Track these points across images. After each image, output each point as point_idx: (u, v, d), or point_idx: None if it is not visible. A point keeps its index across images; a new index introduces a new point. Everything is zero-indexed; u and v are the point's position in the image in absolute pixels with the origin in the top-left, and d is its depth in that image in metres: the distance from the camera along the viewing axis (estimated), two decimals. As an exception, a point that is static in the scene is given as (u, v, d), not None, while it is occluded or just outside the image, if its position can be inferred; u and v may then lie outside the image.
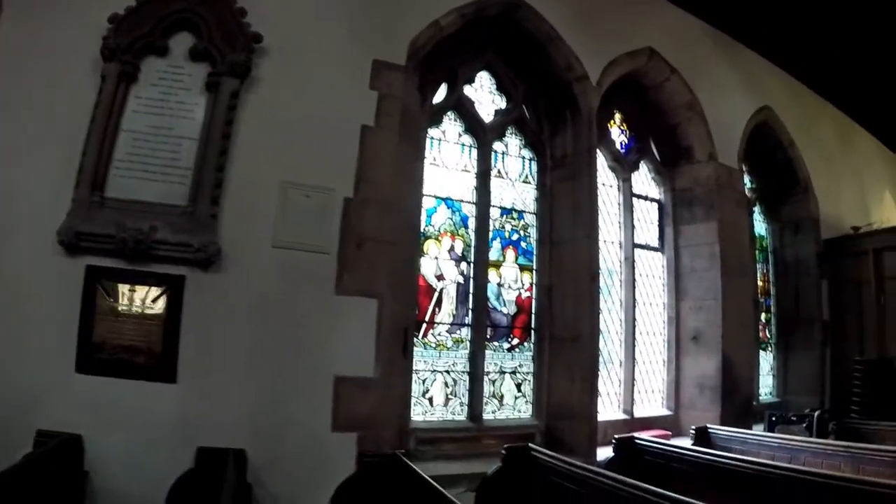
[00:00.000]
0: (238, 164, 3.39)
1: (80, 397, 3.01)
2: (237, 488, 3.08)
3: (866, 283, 6.21)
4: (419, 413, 4.28)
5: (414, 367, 4.27)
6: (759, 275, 6.49)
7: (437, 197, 4.55)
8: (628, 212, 5.40)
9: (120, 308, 3.15)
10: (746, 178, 6.54)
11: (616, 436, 4.23)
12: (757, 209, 6.66)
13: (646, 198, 5.64)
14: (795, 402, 6.25)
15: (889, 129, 7.84)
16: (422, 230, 4.42)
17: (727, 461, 3.41)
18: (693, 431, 4.69)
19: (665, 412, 5.44)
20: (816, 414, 5.03)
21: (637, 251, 5.47)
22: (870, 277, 6.18)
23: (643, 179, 5.70)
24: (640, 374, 5.36)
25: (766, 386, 6.48)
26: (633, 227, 5.41)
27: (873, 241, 6.23)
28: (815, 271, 6.39)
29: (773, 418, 5.10)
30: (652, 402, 5.45)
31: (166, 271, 3.19)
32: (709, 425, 4.77)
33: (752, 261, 5.81)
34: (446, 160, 4.65)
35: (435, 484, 2.76)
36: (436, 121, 4.66)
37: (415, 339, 4.30)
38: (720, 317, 5.27)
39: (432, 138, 4.63)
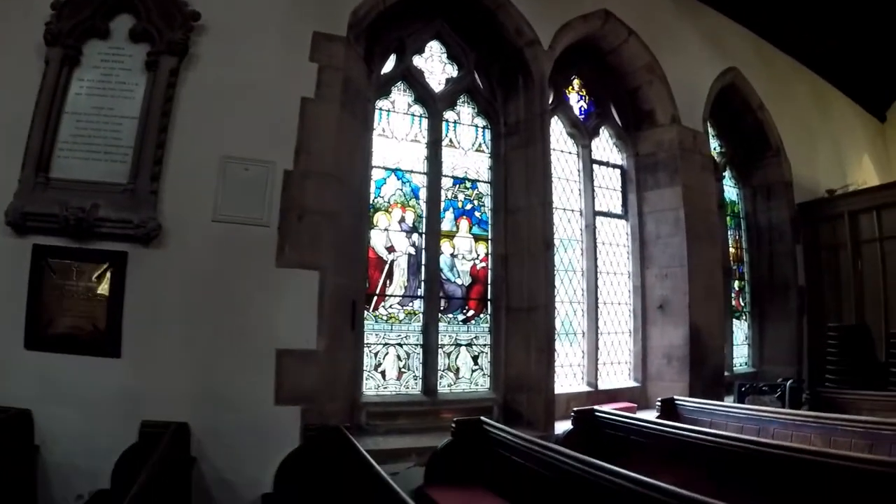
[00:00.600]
0: (178, 141, 3.73)
1: (29, 373, 3.37)
2: (175, 463, 3.28)
3: (842, 247, 6.67)
4: (372, 387, 4.63)
5: (365, 341, 4.62)
6: (731, 241, 6.93)
7: (386, 168, 4.91)
8: (588, 179, 5.81)
9: (66, 285, 3.52)
10: (715, 142, 6.97)
11: (575, 408, 4.57)
12: (727, 174, 7.08)
13: (607, 164, 6.05)
14: (772, 372, 6.72)
15: (868, 92, 8.28)
16: (371, 202, 4.77)
17: (686, 434, 3.61)
18: (659, 403, 5.07)
19: (632, 384, 5.88)
20: (789, 383, 5.46)
21: (600, 219, 5.90)
22: (846, 241, 6.63)
23: (605, 146, 6.11)
24: (605, 345, 5.80)
25: (742, 356, 6.94)
26: (593, 194, 5.82)
27: (848, 204, 6.68)
28: (790, 236, 6.83)
29: (743, 389, 5.54)
30: (619, 374, 5.89)
31: (109, 248, 3.56)
32: (676, 397, 5.14)
33: (720, 226, 6.24)
34: (396, 131, 5.01)
35: (369, 457, 3.05)
36: (384, 92, 5.02)
37: (365, 313, 4.66)
38: (687, 284, 5.69)
39: (381, 109, 4.99)
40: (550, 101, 5.65)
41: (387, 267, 4.87)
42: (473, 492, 3.73)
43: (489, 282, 5.18)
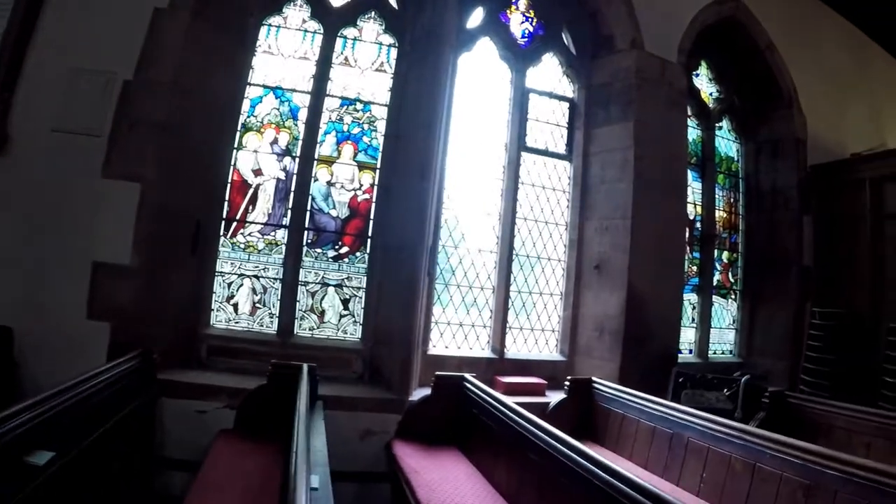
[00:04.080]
0: (37, 53, 3.44)
1: None
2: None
3: (861, 221, 4.90)
4: (223, 320, 3.99)
5: (219, 269, 3.99)
6: (721, 203, 5.34)
7: (265, 86, 4.17)
8: (517, 109, 4.61)
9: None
10: (712, 87, 5.39)
11: (438, 373, 3.74)
12: (725, 125, 5.47)
13: (551, 95, 4.80)
14: (761, 364, 5.15)
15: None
16: (242, 121, 4.07)
17: (529, 429, 2.76)
18: (567, 384, 4.04)
19: (556, 357, 4.64)
20: (744, 380, 4.04)
21: (539, 160, 4.74)
22: (865, 214, 4.85)
23: (554, 75, 4.85)
24: (527, 307, 4.58)
25: (726, 342, 5.33)
26: (520, 125, 4.64)
27: (872, 168, 4.92)
28: (797, 203, 5.16)
29: (681, 379, 4.13)
30: (543, 344, 4.65)
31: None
32: (594, 379, 4.09)
33: (683, 175, 4.71)
34: (283, 48, 4.24)
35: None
36: (275, 8, 4.24)
37: (222, 239, 4.00)
38: (628, 240, 4.36)
39: (270, 25, 4.24)
40: (479, 19, 4.52)
41: (251, 191, 4.07)
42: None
43: (371, 217, 4.14)
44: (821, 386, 4.28)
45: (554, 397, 4.08)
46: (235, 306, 4.00)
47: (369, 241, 4.16)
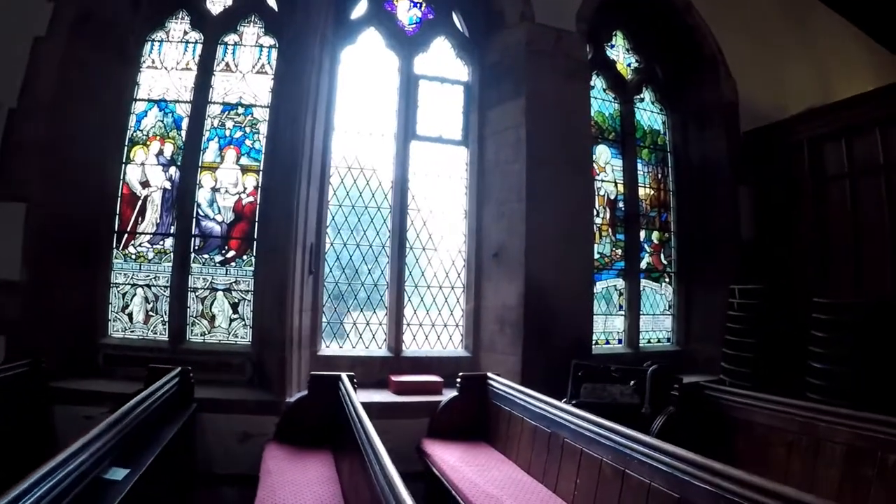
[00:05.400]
0: None
1: None
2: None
3: (802, 186, 4.38)
4: (119, 329, 4.02)
5: (114, 280, 4.02)
6: (648, 180, 4.92)
7: (150, 100, 4.19)
8: (405, 97, 4.43)
9: None
10: (630, 57, 5.00)
11: (314, 373, 3.62)
12: (648, 97, 5.05)
13: (443, 80, 4.57)
14: (701, 353, 4.69)
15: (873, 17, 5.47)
16: (130, 136, 4.11)
17: (363, 435, 2.50)
18: (459, 381, 3.81)
19: (461, 353, 4.39)
20: (651, 370, 3.65)
21: (435, 147, 4.49)
22: (805, 178, 4.33)
23: (447, 59, 4.63)
24: (427, 303, 4.36)
25: (663, 329, 4.90)
26: (408, 114, 4.43)
27: (809, 128, 4.39)
28: (729, 173, 4.69)
29: (580, 373, 3.75)
30: (448, 340, 4.43)
31: None
32: (490, 375, 3.82)
33: (588, 152, 4.34)
34: (167, 61, 4.25)
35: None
36: (157, 23, 4.25)
37: (115, 251, 4.03)
38: (524, 224, 4.06)
39: (154, 41, 4.25)
40: (364, 10, 4.40)
41: (140, 203, 4.07)
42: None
43: (257, 219, 4.04)
44: (741, 374, 3.81)
45: (450, 396, 3.84)
46: (130, 315, 4.02)
47: (255, 243, 4.07)
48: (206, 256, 4.06)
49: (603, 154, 4.78)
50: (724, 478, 1.88)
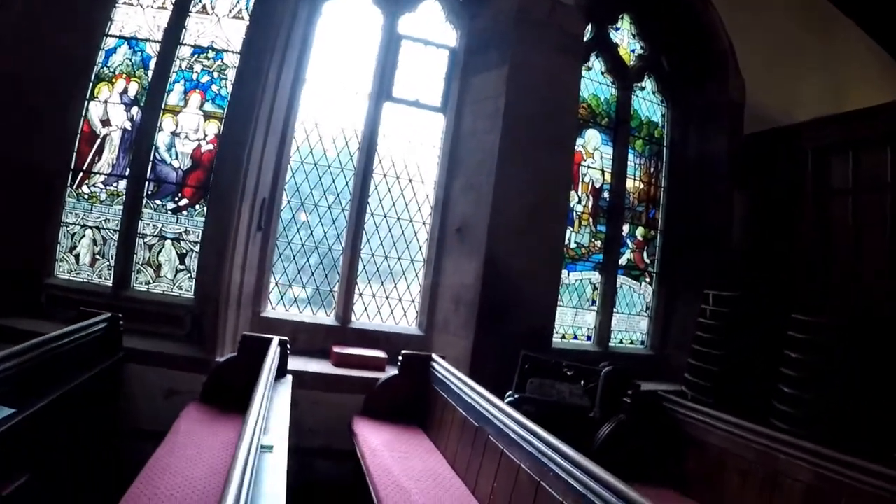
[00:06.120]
0: None
1: None
2: None
3: (802, 197, 3.98)
4: (66, 271, 3.83)
5: (64, 220, 3.83)
6: (638, 173, 4.56)
7: (121, 37, 3.97)
8: (385, 56, 4.16)
9: None
10: (635, 44, 4.64)
11: (245, 333, 3.38)
12: (649, 86, 4.69)
13: (427, 42, 4.29)
14: (677, 360, 4.31)
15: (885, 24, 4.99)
16: (97, 72, 3.91)
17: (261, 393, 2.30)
18: (400, 360, 3.55)
19: (413, 331, 4.15)
20: (605, 371, 3.33)
21: (411, 111, 4.23)
22: (808, 188, 3.93)
23: (436, 21, 4.35)
24: (383, 274, 4.12)
25: (637, 331, 4.56)
26: (384, 74, 4.15)
27: (816, 137, 3.97)
28: (727, 177, 4.31)
29: (527, 365, 3.45)
30: (401, 315, 4.18)
31: None
32: (435, 357, 3.55)
33: (571, 131, 4.00)
34: None
35: None
36: None
37: (69, 189, 3.83)
38: (490, 198, 3.77)
39: None
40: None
41: (98, 141, 3.88)
42: None
43: (214, 168, 3.82)
44: (703, 388, 3.46)
45: (390, 374, 3.58)
46: (77, 257, 3.82)
47: (209, 193, 3.85)
48: (158, 202, 3.85)
49: (593, 139, 4.45)
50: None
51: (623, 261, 4.52)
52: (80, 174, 3.85)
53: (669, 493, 3.01)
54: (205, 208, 3.86)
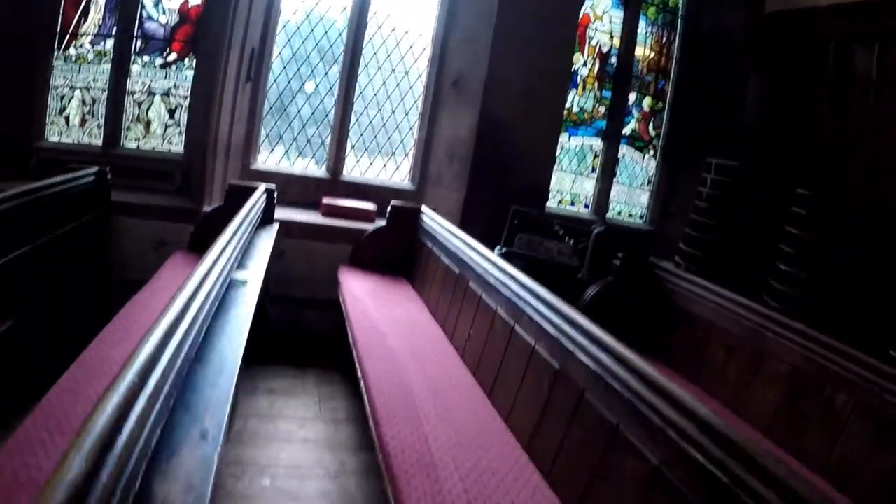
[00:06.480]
0: None
1: None
2: None
3: (824, 86, 3.61)
4: (55, 133, 3.81)
5: (53, 83, 3.76)
6: (649, 42, 4.26)
7: None
8: None
9: None
10: None
11: (232, 182, 3.37)
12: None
13: None
14: (676, 237, 4.13)
15: None
16: None
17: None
18: (389, 210, 3.51)
19: (405, 185, 4.14)
20: (596, 232, 3.23)
21: None
22: (828, 77, 3.57)
23: None
24: (376, 127, 4.04)
25: (637, 205, 4.43)
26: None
27: (840, 25, 3.51)
28: (743, 53, 3.99)
29: (517, 221, 3.34)
30: (393, 169, 4.14)
31: None
32: (425, 209, 3.50)
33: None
34: None
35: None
36: None
37: (56, 52, 3.73)
38: (488, 50, 3.56)
39: None
40: None
41: (83, 2, 3.74)
42: None
43: (200, 20, 3.69)
44: (697, 259, 3.33)
45: (378, 225, 3.55)
46: (67, 119, 3.79)
47: (198, 47, 3.74)
48: (146, 58, 3.77)
49: (602, 1, 4.15)
50: (612, 356, 1.51)
51: (627, 130, 4.30)
52: (67, 36, 3.73)
53: (654, 364, 2.97)
54: (194, 62, 3.78)
